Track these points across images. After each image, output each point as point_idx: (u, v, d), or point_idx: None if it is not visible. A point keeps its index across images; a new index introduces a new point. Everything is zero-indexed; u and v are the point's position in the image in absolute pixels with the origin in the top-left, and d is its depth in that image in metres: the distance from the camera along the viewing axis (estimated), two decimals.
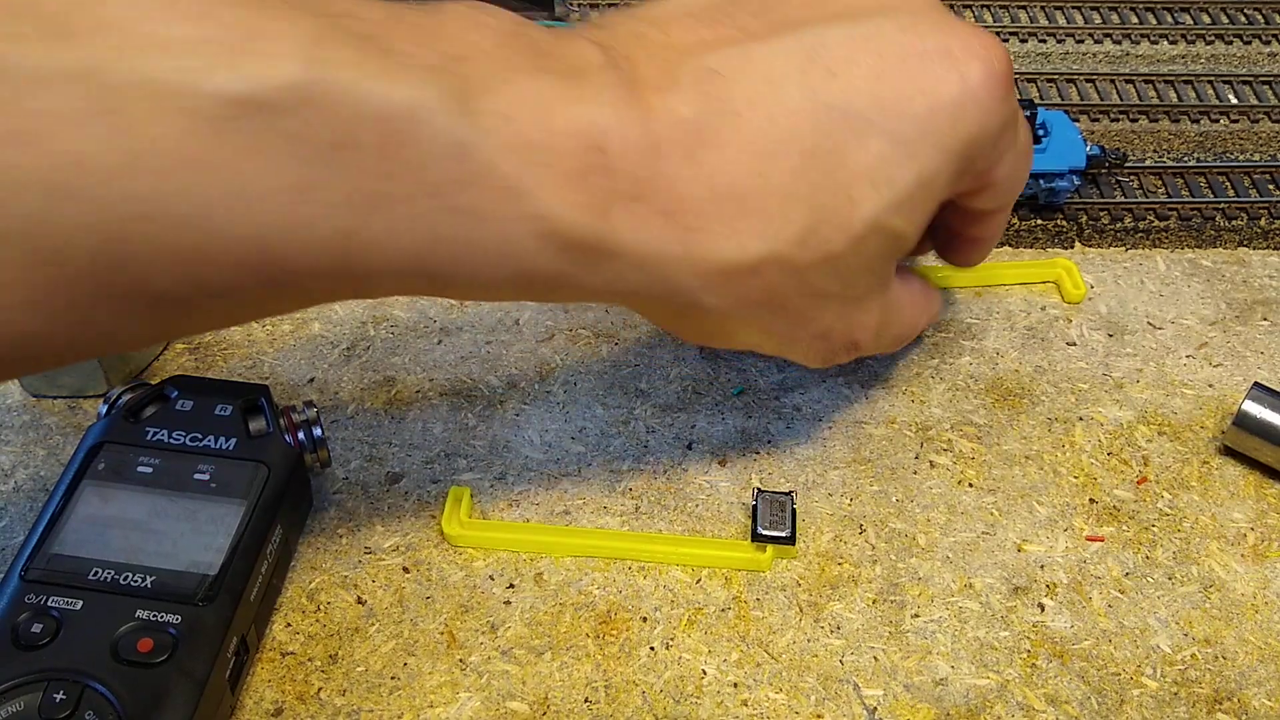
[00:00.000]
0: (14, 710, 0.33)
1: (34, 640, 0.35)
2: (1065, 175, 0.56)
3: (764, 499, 0.42)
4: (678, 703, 0.38)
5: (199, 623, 0.36)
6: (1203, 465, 0.46)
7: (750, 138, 0.33)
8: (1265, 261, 0.55)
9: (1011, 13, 0.71)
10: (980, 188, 0.39)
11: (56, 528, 0.38)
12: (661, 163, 0.32)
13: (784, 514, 0.42)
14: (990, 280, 0.53)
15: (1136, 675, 0.40)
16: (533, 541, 0.42)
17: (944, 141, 0.35)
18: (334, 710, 0.38)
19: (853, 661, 0.40)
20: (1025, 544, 0.43)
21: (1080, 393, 0.49)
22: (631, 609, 0.41)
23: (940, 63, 0.35)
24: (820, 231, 0.34)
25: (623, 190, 0.31)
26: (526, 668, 0.39)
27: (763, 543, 0.42)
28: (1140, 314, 0.52)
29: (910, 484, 0.45)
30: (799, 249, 0.34)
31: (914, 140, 0.34)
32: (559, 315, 0.51)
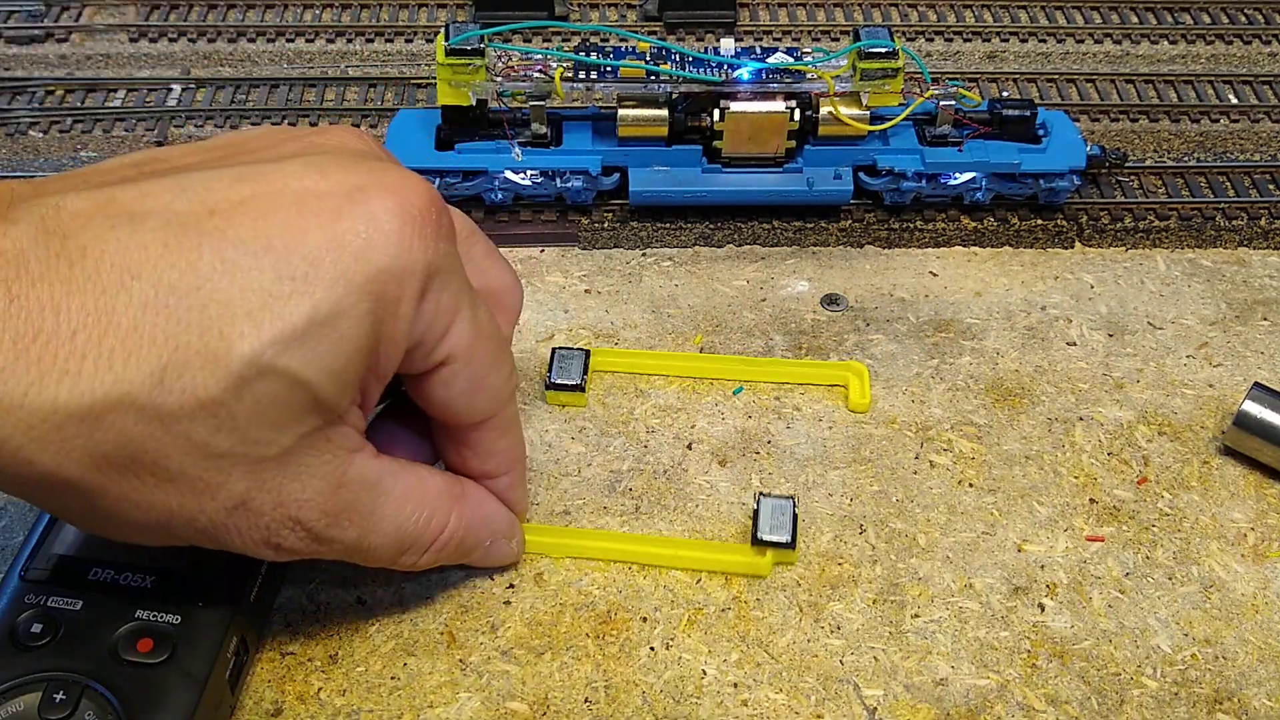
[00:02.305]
0: (14, 710, 0.33)
1: (34, 640, 0.35)
2: (1065, 175, 0.56)
3: (765, 503, 0.42)
4: (678, 703, 0.38)
5: (199, 623, 0.36)
6: (1203, 465, 0.46)
7: (91, 273, 0.29)
8: (1265, 261, 0.55)
9: (1011, 13, 0.70)
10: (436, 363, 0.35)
11: (56, 528, 0.38)
12: None
13: (785, 518, 0.42)
14: (782, 378, 0.49)
15: (1137, 675, 0.40)
16: (533, 542, 0.42)
17: (345, 275, 0.31)
18: (334, 710, 0.38)
19: (853, 661, 0.40)
20: (1025, 544, 0.43)
21: (1080, 393, 0.49)
22: (631, 609, 0.41)
23: (344, 200, 0.32)
24: (185, 372, 0.30)
25: None
26: (526, 668, 0.39)
27: (763, 547, 0.42)
28: (1140, 314, 0.52)
29: (910, 484, 0.45)
30: (156, 391, 0.29)
31: (304, 272, 0.31)
32: (559, 315, 0.51)
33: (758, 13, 0.70)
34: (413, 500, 0.37)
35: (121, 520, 0.32)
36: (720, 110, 0.53)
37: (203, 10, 0.69)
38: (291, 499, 0.33)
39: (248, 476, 0.32)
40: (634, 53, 0.54)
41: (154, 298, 0.30)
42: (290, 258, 0.31)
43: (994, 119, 0.56)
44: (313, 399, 0.32)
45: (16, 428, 0.29)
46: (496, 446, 0.39)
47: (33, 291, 0.29)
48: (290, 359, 0.31)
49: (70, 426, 0.29)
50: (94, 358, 0.29)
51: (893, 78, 0.53)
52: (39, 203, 0.30)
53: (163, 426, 0.30)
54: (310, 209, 0.31)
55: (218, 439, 0.31)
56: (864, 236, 0.56)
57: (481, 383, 0.36)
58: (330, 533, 0.35)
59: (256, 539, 0.34)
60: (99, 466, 0.30)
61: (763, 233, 0.56)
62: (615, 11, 0.70)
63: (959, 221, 0.57)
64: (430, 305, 0.33)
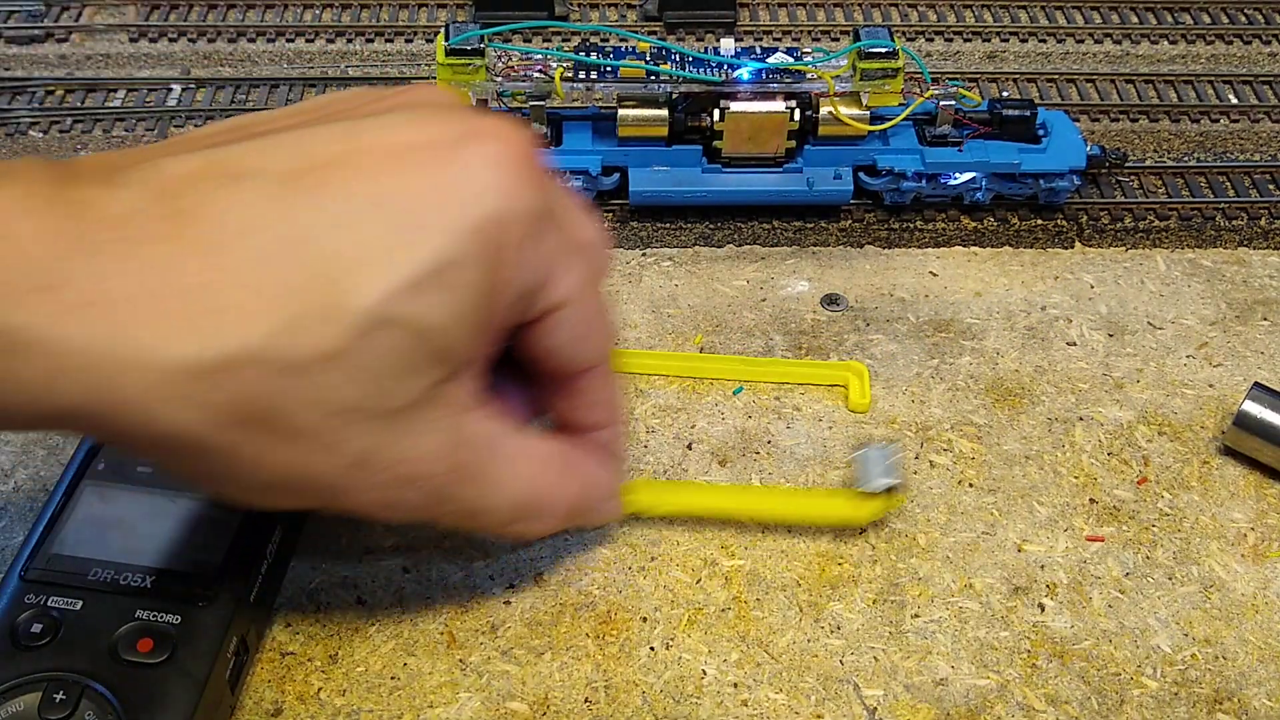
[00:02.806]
0: (14, 710, 0.33)
1: (34, 640, 0.35)
2: (1065, 175, 0.56)
3: (870, 451, 0.43)
4: (678, 703, 0.38)
5: (199, 623, 0.36)
6: (1203, 465, 0.46)
7: (204, 231, 0.29)
8: (1265, 261, 0.55)
9: (1011, 13, 0.70)
10: (545, 309, 0.35)
11: (56, 528, 0.38)
12: (85, 256, 0.28)
13: (891, 463, 0.43)
14: (781, 378, 0.49)
15: (1137, 675, 0.40)
16: (632, 501, 0.42)
17: (455, 224, 0.31)
18: (334, 710, 0.38)
19: (853, 661, 0.40)
20: (1025, 544, 0.43)
21: (1080, 393, 0.49)
22: (631, 609, 0.41)
23: (446, 148, 0.32)
24: (307, 325, 0.30)
25: (31, 280, 0.28)
26: (526, 668, 0.39)
27: (870, 494, 0.42)
28: (1140, 314, 0.52)
29: (910, 484, 0.45)
30: (279, 345, 0.29)
31: (417, 223, 0.31)
32: None
33: (758, 13, 0.70)
34: (528, 463, 0.36)
35: (245, 480, 0.32)
36: (720, 110, 0.53)
37: (203, 10, 0.69)
38: (412, 455, 0.33)
39: (370, 431, 0.32)
40: (634, 53, 0.54)
41: (269, 254, 0.30)
42: (400, 209, 0.31)
43: (994, 119, 0.56)
44: (432, 349, 0.32)
45: (145, 385, 0.29)
46: (601, 396, 0.38)
47: (150, 252, 0.29)
48: (409, 309, 0.30)
49: (198, 383, 0.29)
50: (217, 314, 0.29)
51: (893, 78, 0.53)
52: (142, 168, 0.30)
53: (287, 381, 0.30)
54: (413, 160, 0.31)
55: (342, 392, 0.31)
56: (864, 236, 0.56)
57: (588, 328, 0.36)
58: (448, 492, 0.34)
59: (377, 498, 0.33)
60: (225, 424, 0.30)
61: (763, 233, 0.56)
62: (615, 11, 0.70)
63: (959, 221, 0.57)
64: (538, 250, 0.33)
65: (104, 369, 0.28)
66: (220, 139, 0.33)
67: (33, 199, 0.28)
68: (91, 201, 0.29)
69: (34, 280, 0.28)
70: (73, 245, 0.28)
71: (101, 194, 0.29)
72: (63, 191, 0.29)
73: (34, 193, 0.29)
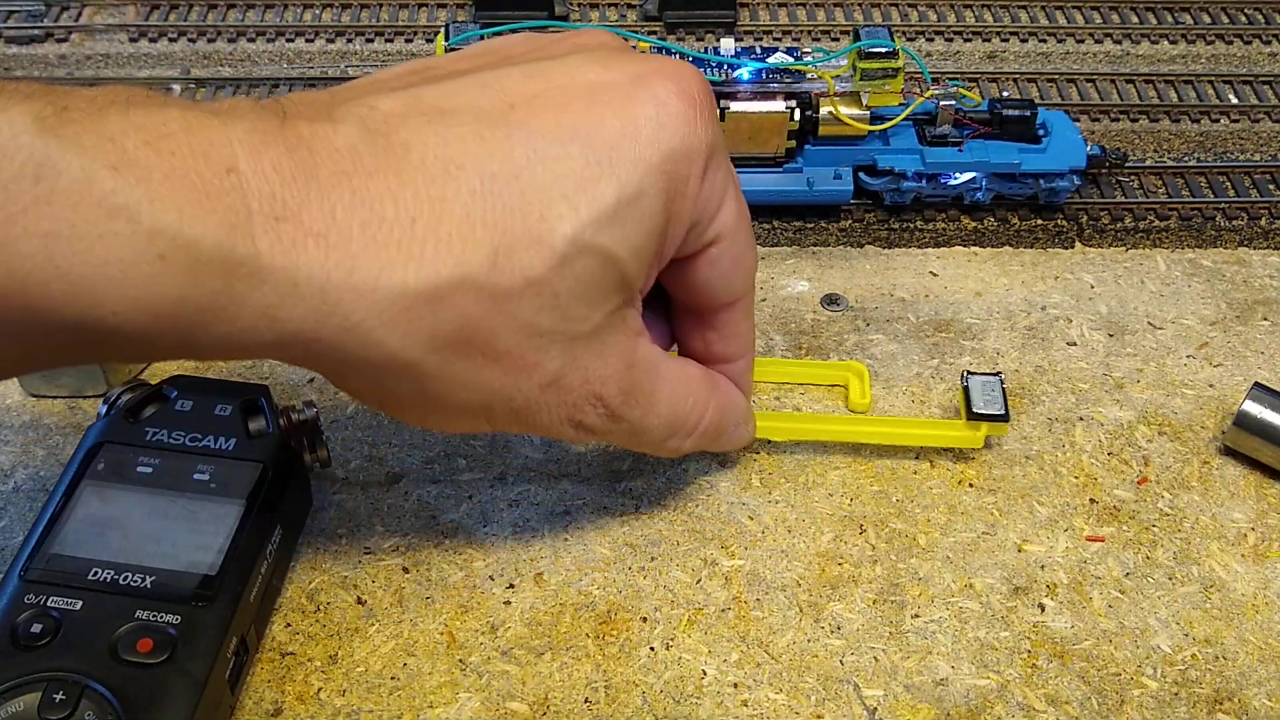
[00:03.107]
0: (14, 710, 0.33)
1: (34, 640, 0.35)
2: (1065, 175, 0.56)
3: (974, 380, 0.45)
4: (678, 703, 0.38)
5: (198, 623, 0.36)
6: (1203, 465, 0.46)
7: (418, 165, 0.31)
8: (1266, 261, 0.55)
9: (1012, 12, 0.70)
10: (707, 242, 0.37)
11: (56, 528, 0.38)
12: (313, 188, 0.30)
13: (995, 394, 0.45)
14: (782, 378, 0.49)
15: (1137, 675, 0.40)
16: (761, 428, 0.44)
17: (642, 154, 0.33)
18: (334, 710, 0.38)
19: (853, 662, 0.40)
20: (1025, 544, 0.43)
21: (1080, 393, 0.49)
22: (631, 609, 0.41)
23: (629, 86, 0.34)
24: (514, 254, 0.32)
25: (265, 211, 0.29)
26: (526, 668, 0.39)
27: (978, 421, 0.45)
28: (1141, 314, 0.52)
29: (910, 484, 0.45)
30: (491, 272, 0.32)
31: (608, 156, 0.33)
32: None
33: (758, 13, 0.70)
34: (681, 384, 0.39)
35: (447, 402, 0.34)
36: (720, 110, 0.53)
37: (203, 10, 0.69)
38: (596, 376, 0.35)
39: (563, 354, 0.34)
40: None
41: (479, 186, 0.32)
42: (593, 144, 0.33)
43: (994, 119, 0.56)
44: (620, 276, 0.34)
45: (370, 310, 0.30)
46: (741, 328, 0.41)
47: (370, 183, 0.31)
48: (605, 237, 0.33)
49: (417, 308, 0.31)
50: (434, 243, 0.31)
51: (893, 77, 0.53)
52: (355, 105, 0.32)
53: (495, 306, 0.32)
54: (602, 98, 0.33)
55: (541, 316, 0.33)
56: (864, 236, 0.56)
57: (740, 260, 0.38)
58: (622, 410, 0.37)
59: (563, 416, 0.36)
60: (438, 347, 0.32)
61: (763, 233, 0.56)
62: (615, 11, 0.70)
63: (959, 221, 0.57)
64: (709, 184, 0.36)
65: (331, 295, 0.30)
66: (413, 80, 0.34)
67: (259, 134, 0.30)
68: (315, 136, 0.31)
69: (268, 210, 0.29)
70: (302, 178, 0.30)
71: (323, 129, 0.31)
72: (285, 127, 0.30)
73: (259, 128, 0.30)
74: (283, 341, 0.31)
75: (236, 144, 0.29)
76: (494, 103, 0.33)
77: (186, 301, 0.29)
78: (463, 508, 0.44)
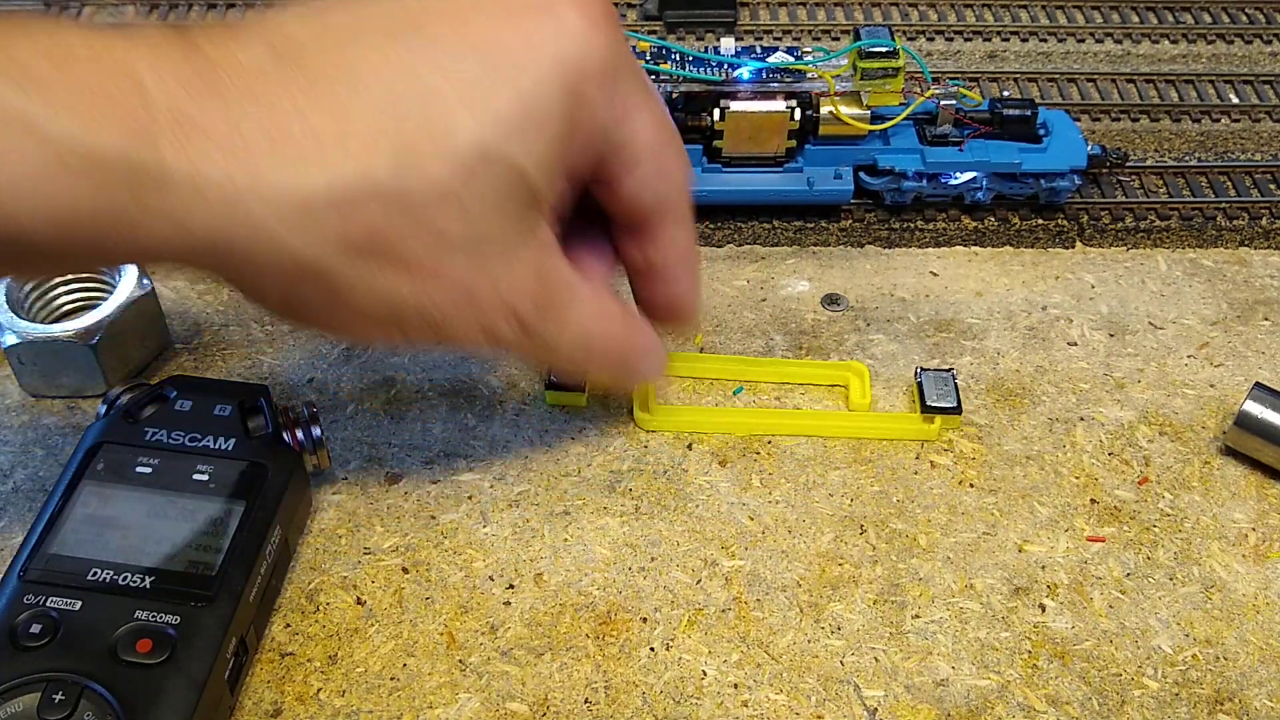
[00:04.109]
0: (14, 710, 0.33)
1: (33, 640, 0.35)
2: (1066, 175, 0.56)
3: (926, 376, 0.47)
4: (678, 703, 0.38)
5: (198, 623, 0.36)
6: (1204, 465, 0.46)
7: (323, 82, 0.32)
8: (1266, 261, 0.55)
9: (1012, 12, 0.70)
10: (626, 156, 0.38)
11: (55, 528, 0.38)
12: (218, 102, 0.31)
13: (948, 387, 0.46)
14: (782, 378, 0.49)
15: (1137, 676, 0.39)
16: (712, 422, 0.47)
17: (541, 69, 0.34)
18: (333, 711, 0.38)
19: (853, 662, 0.40)
20: (1026, 544, 0.43)
21: (1081, 393, 0.49)
22: (631, 609, 0.41)
23: (528, 5, 0.35)
24: (419, 160, 0.33)
25: (169, 121, 0.30)
26: (526, 668, 0.39)
27: (931, 414, 0.46)
28: (1141, 314, 0.52)
29: (911, 484, 0.45)
30: (397, 179, 0.33)
31: (508, 69, 0.34)
32: None
33: (758, 12, 0.70)
34: (595, 305, 0.40)
35: (356, 309, 0.35)
36: (720, 110, 0.53)
37: (202, 10, 0.69)
38: (508, 288, 0.36)
39: (473, 264, 0.35)
40: (634, 52, 0.54)
41: (381, 101, 0.33)
42: (493, 56, 0.34)
43: (995, 118, 0.56)
44: (526, 187, 0.35)
45: (276, 214, 0.31)
46: (678, 237, 0.41)
47: (276, 98, 0.32)
48: (508, 146, 0.34)
49: (323, 212, 0.32)
50: (339, 152, 0.32)
51: (893, 77, 0.53)
52: (260, 27, 0.33)
53: (403, 213, 0.33)
54: (502, 14, 0.35)
55: (450, 224, 0.34)
56: (864, 236, 0.56)
57: (666, 171, 0.39)
58: (536, 324, 0.37)
59: (477, 327, 0.36)
60: (348, 251, 0.33)
61: (763, 232, 0.56)
62: (615, 11, 0.70)
63: (960, 221, 0.57)
64: (617, 97, 0.36)
65: (238, 201, 0.31)
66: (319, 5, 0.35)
67: (164, 52, 0.31)
68: (221, 56, 0.32)
69: (173, 121, 0.30)
70: (207, 92, 0.31)
71: (228, 49, 0.32)
72: (191, 47, 0.32)
73: (165, 47, 0.31)
74: (193, 249, 0.32)
75: (141, 61, 0.30)
76: (397, 20, 0.34)
77: (95, 212, 0.30)
78: (463, 508, 0.44)
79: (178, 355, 0.49)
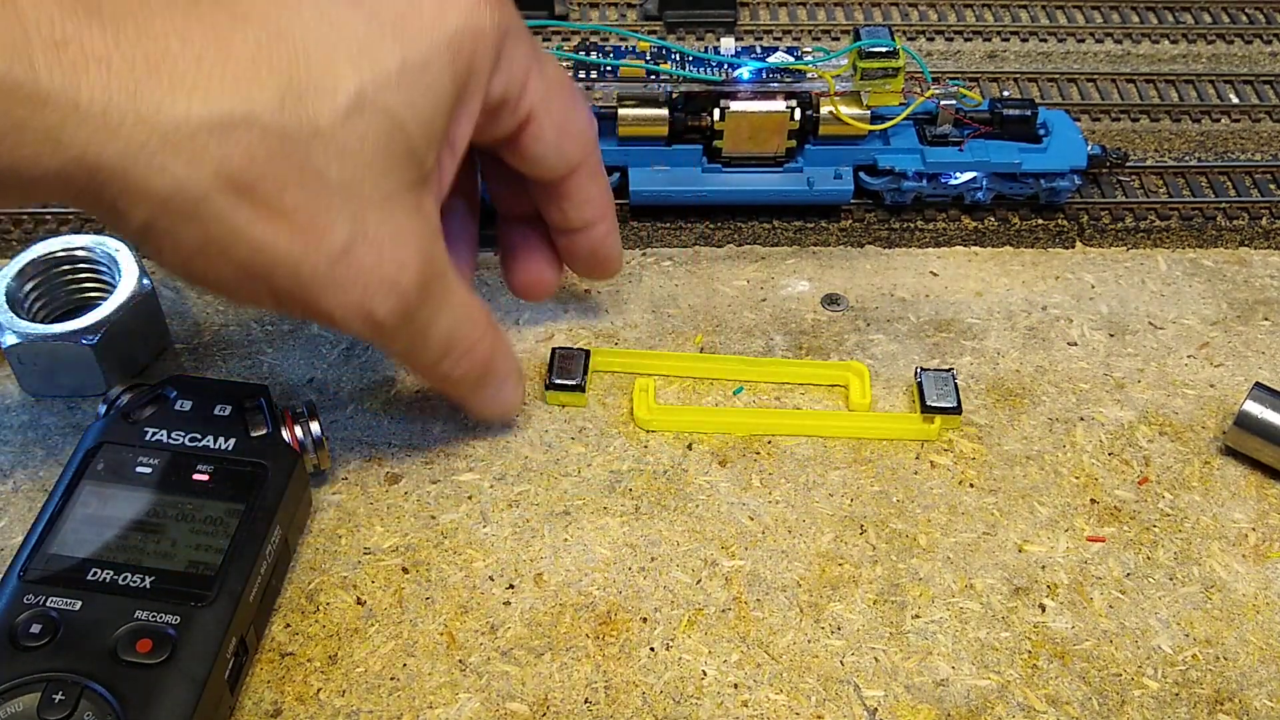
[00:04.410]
0: (13, 711, 0.33)
1: (33, 640, 0.35)
2: (1066, 175, 0.56)
3: (926, 376, 0.47)
4: (678, 703, 0.38)
5: (198, 623, 0.36)
6: (1204, 465, 0.46)
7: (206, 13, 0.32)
8: (1267, 261, 0.55)
9: (1012, 12, 0.70)
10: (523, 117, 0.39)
11: (55, 528, 0.38)
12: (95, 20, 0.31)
13: (948, 387, 0.47)
14: (783, 379, 0.49)
15: (1137, 676, 0.39)
16: (712, 422, 0.46)
17: (426, 29, 0.35)
18: (333, 711, 0.38)
19: (853, 662, 0.40)
20: (1026, 544, 0.43)
21: (1081, 393, 0.49)
22: (631, 609, 0.41)
23: None
24: (301, 100, 0.33)
25: (44, 36, 0.30)
26: (526, 668, 0.39)
27: (931, 414, 0.46)
28: (1141, 314, 0.52)
29: (911, 484, 0.45)
30: (278, 113, 0.32)
31: (392, 26, 0.34)
32: (559, 316, 0.51)
33: (758, 12, 0.70)
34: (467, 305, 0.40)
35: (229, 256, 0.34)
36: (720, 110, 0.53)
37: None
38: (391, 258, 0.36)
39: (353, 221, 0.34)
40: (634, 52, 0.54)
41: (265, 38, 0.33)
42: (378, 14, 0.34)
43: (995, 118, 0.56)
44: (407, 144, 0.35)
45: (153, 133, 0.31)
46: (591, 192, 0.42)
47: (156, 21, 0.31)
48: (389, 98, 0.34)
49: (202, 136, 0.31)
50: (220, 79, 0.32)
51: (893, 77, 0.52)
52: None
53: (282, 149, 0.33)
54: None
55: (329, 168, 0.33)
56: (864, 236, 0.56)
57: (567, 128, 0.40)
58: (416, 307, 0.37)
59: (353, 300, 0.36)
60: (223, 186, 0.32)
61: (763, 233, 0.56)
62: (615, 11, 0.70)
63: (960, 221, 0.57)
64: (506, 62, 0.37)
65: (114, 117, 0.30)
66: None
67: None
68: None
69: (47, 36, 0.30)
70: (84, 11, 0.30)
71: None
72: None
73: None
74: (66, 170, 0.31)
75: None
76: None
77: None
78: (463, 508, 0.44)
79: (178, 355, 0.49)
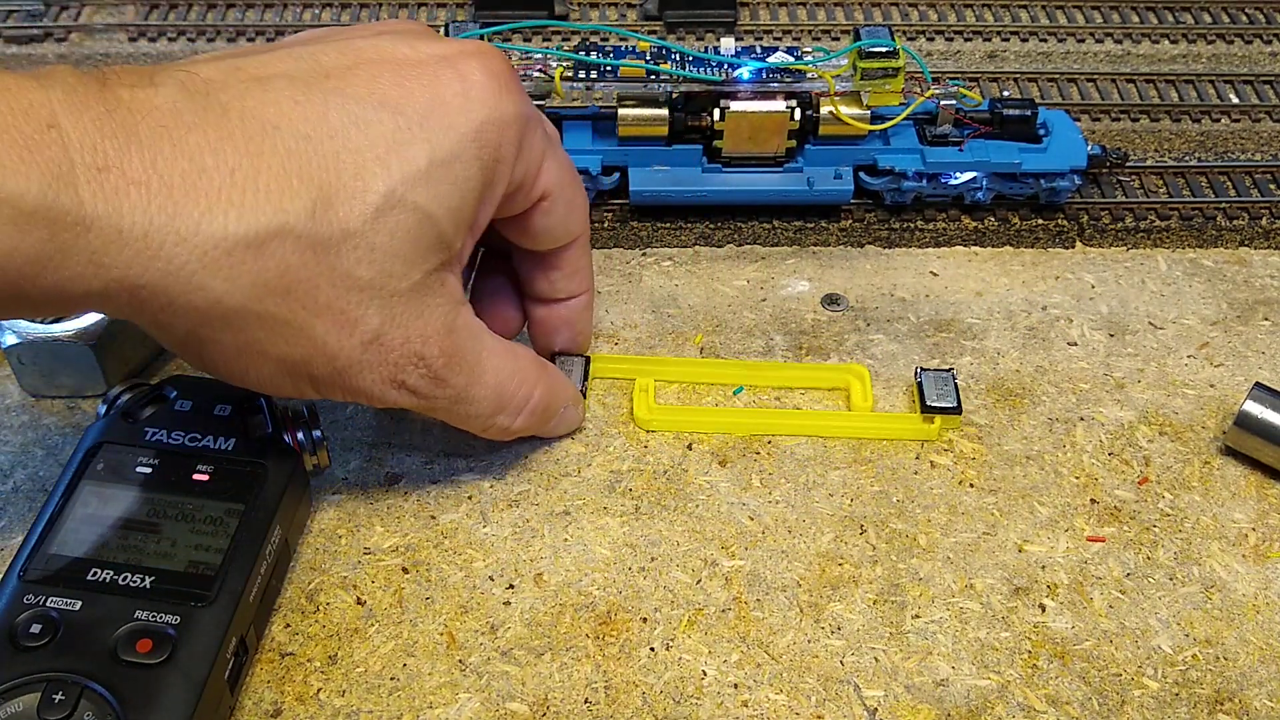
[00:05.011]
0: (13, 711, 0.33)
1: (33, 640, 0.35)
2: (1066, 175, 0.56)
3: (926, 376, 0.47)
4: (678, 703, 0.38)
5: (198, 623, 0.36)
6: (1204, 465, 0.46)
7: (236, 123, 0.33)
8: (1266, 261, 0.55)
9: (1012, 12, 0.70)
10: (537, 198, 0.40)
11: (55, 528, 0.38)
12: (134, 142, 0.31)
13: (948, 388, 0.46)
14: (783, 382, 0.49)
15: (1137, 676, 0.39)
16: (712, 422, 0.47)
17: (453, 123, 0.36)
18: (333, 711, 0.38)
19: (853, 662, 0.40)
20: (1026, 544, 0.43)
21: (1081, 393, 0.49)
22: (631, 609, 0.41)
23: (435, 64, 0.37)
24: (331, 206, 0.34)
25: (86, 162, 0.31)
26: (526, 668, 0.39)
27: (931, 414, 0.46)
28: (1141, 314, 0.52)
29: (911, 484, 0.45)
30: (310, 222, 0.33)
31: (419, 124, 0.35)
32: None
33: (758, 12, 0.70)
34: (508, 359, 0.41)
35: (267, 355, 0.35)
36: (720, 110, 0.53)
37: (202, 10, 0.69)
38: (417, 335, 0.37)
39: (382, 310, 0.36)
40: (634, 52, 0.54)
41: (295, 146, 0.34)
42: (404, 112, 0.35)
43: (995, 118, 0.56)
44: (436, 234, 0.36)
45: (193, 254, 0.32)
46: (582, 263, 0.44)
47: (190, 137, 0.32)
48: (418, 194, 0.35)
49: (239, 253, 0.33)
50: (254, 192, 0.33)
51: (893, 77, 0.52)
52: (175, 71, 0.34)
53: (315, 256, 0.34)
54: (411, 73, 0.36)
55: (360, 268, 0.35)
56: (864, 236, 0.56)
57: (571, 206, 0.42)
58: (445, 373, 0.39)
59: (385, 376, 0.37)
60: (260, 295, 0.34)
61: (763, 233, 0.56)
62: (615, 11, 0.70)
63: (960, 221, 0.57)
64: (527, 149, 0.39)
65: (155, 240, 0.31)
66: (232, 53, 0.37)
67: (79, 95, 0.31)
68: (135, 98, 0.32)
69: (90, 162, 0.31)
70: (123, 133, 0.31)
71: (143, 91, 0.33)
72: (105, 90, 0.32)
73: (79, 90, 0.32)
74: (109, 291, 0.32)
75: (57, 104, 0.31)
76: (309, 71, 0.35)
77: (14, 253, 0.30)
78: (463, 508, 0.44)
79: (178, 355, 0.49)
